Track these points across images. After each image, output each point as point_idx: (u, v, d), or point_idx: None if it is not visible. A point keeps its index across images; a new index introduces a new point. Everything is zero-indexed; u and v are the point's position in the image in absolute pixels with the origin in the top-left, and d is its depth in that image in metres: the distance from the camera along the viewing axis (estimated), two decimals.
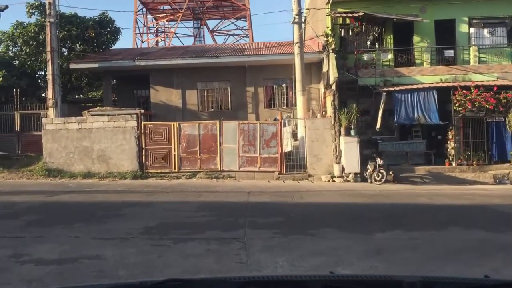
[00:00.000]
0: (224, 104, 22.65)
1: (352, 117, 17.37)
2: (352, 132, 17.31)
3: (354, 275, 2.58)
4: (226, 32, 41.77)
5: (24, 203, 10.16)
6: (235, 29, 41.52)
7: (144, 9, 38.10)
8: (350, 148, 17.09)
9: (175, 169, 17.90)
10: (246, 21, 40.07)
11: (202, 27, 41.50)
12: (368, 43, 20.25)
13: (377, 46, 20.04)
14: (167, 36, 41.24)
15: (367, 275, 2.27)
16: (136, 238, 6.61)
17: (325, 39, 19.90)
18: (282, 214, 8.83)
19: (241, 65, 21.82)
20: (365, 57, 19.65)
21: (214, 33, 40.76)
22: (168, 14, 39.05)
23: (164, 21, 39.52)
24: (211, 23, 42.04)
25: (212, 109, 22.49)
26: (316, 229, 7.24)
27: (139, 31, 38.10)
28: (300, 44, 18.99)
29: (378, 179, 16.16)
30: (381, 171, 16.20)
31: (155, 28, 40.89)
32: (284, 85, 22.44)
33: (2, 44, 23.21)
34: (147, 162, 17.98)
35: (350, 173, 17.05)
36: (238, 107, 22.23)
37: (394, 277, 2.25)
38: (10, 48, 23.51)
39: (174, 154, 17.92)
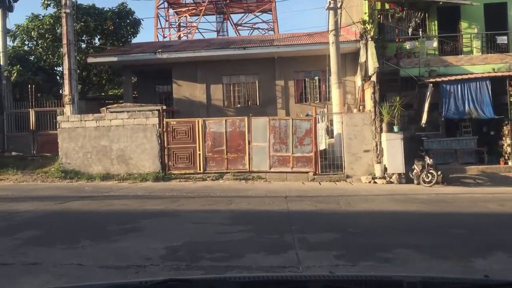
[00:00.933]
0: (251, 99, 21.08)
1: (395, 111, 15.60)
2: (395, 128, 15.58)
3: (354, 275, 2.44)
4: (251, 26, 40.08)
5: (28, 213, 8.74)
6: (260, 22, 39.84)
7: (166, 3, 36.76)
8: (393, 146, 15.42)
9: (200, 169, 16.44)
10: (271, 13, 38.41)
11: (225, 21, 39.98)
12: (410, 30, 18.40)
13: (420, 33, 18.18)
14: (190, 31, 39.86)
15: (367, 275, 2.20)
16: (156, 267, 5.03)
17: (362, 26, 18.11)
18: (336, 227, 7.17)
19: (269, 56, 20.22)
20: (408, 45, 17.83)
21: (238, 27, 39.16)
22: (190, 8, 37.61)
23: (186, 16, 38.11)
24: (235, 17, 40.54)
25: (238, 105, 20.93)
26: (389, 251, 5.59)
27: (161, 25, 36.79)
28: (335, 31, 17.28)
29: (427, 180, 14.39)
30: (430, 171, 14.41)
31: (177, 23, 39.52)
32: (316, 77, 20.74)
33: (17, 38, 22.03)
34: (169, 163, 16.56)
35: (393, 174, 15.37)
36: (266, 102, 20.63)
37: (395, 277, 2.25)
38: (26, 42, 22.35)
39: (199, 154, 16.47)
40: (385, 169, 15.46)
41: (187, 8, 37.87)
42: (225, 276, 2.39)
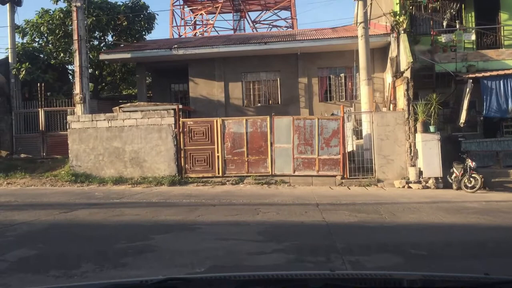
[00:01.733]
0: (273, 98, 19.84)
1: (431, 109, 14.28)
2: (432, 128, 14.32)
3: (354, 273, 2.40)
4: (269, 24, 38.72)
5: (26, 225, 7.59)
6: (278, 20, 38.51)
7: (181, 0, 35.72)
8: (429, 148, 14.21)
9: (218, 173, 15.29)
10: (289, 10, 37.13)
11: (242, 19, 38.81)
12: (445, 23, 17.04)
13: (457, 25, 16.79)
14: (206, 29, 38.74)
15: (368, 273, 2.15)
16: None
17: (393, 18, 16.80)
18: (392, 246, 5.86)
19: (292, 52, 18.96)
20: (443, 38, 16.43)
21: (256, 24, 37.87)
22: (206, 5, 36.52)
23: (202, 13, 37.01)
24: (252, 15, 39.29)
25: (259, 104, 19.72)
26: None
27: (176, 23, 35.74)
28: (364, 24, 15.96)
29: (469, 185, 13.05)
30: (473, 175, 13.06)
31: (192, 21, 38.45)
32: (342, 74, 19.41)
33: (27, 34, 21.02)
34: (186, 165, 15.42)
35: (429, 178, 14.10)
36: (289, 101, 19.38)
37: (395, 275, 2.22)
38: (36, 39, 21.32)
39: (218, 156, 15.30)
40: (420, 172, 14.22)
41: (202, 6, 36.78)
42: (224, 274, 2.15)
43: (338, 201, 10.75)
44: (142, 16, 22.16)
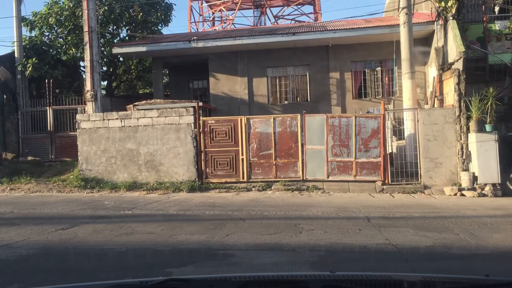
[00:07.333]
0: (301, 94, 18.12)
1: (487, 105, 12.46)
2: (488, 127, 12.59)
3: (354, 274, 2.11)
4: (292, 19, 36.86)
5: (8, 249, 5.95)
6: (301, 15, 36.66)
7: None
8: (485, 150, 12.53)
9: (243, 178, 13.73)
10: (313, 5, 35.31)
11: (262, 16, 37.12)
12: (497, 8, 15.15)
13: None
14: (225, 26, 37.19)
15: (368, 274, 2.08)
16: None
17: (438, 4, 14.95)
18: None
19: (323, 44, 17.23)
20: (497, 25, 14.55)
21: (278, 20, 36.07)
22: (225, 1, 34.91)
23: (221, 9, 35.40)
24: (273, 11, 37.53)
25: (286, 101, 18.03)
26: None
27: (194, 19, 34.24)
28: (408, 9, 14.24)
29: None
30: None
31: (211, 18, 36.90)
32: (378, 68, 17.58)
33: (35, 27, 19.56)
34: (207, 169, 13.86)
35: (485, 184, 12.31)
36: (319, 98, 17.64)
37: (395, 276, 2.17)
38: (46, 33, 19.87)
39: (242, 159, 13.74)
40: (474, 178, 12.43)
41: (222, 1, 35.18)
42: (225, 275, 2.04)
43: (390, 213, 8.99)
44: (158, 6, 20.57)
